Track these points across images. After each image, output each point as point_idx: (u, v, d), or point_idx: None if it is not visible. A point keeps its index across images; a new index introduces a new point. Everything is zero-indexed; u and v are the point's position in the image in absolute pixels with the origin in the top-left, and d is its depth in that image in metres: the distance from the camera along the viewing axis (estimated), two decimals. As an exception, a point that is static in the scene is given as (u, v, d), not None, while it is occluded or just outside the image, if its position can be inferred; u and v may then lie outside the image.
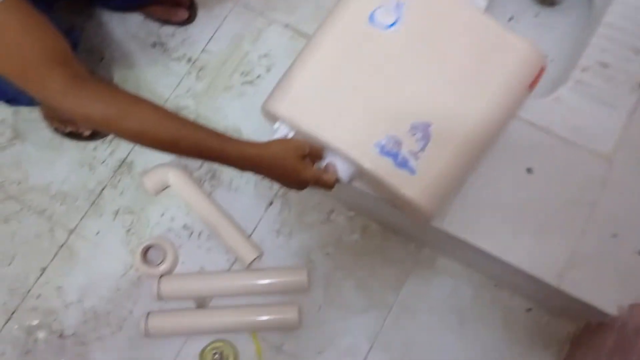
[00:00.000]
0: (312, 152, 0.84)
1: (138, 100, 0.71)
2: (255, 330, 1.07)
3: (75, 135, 1.17)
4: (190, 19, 1.24)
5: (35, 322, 1.08)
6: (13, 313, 1.09)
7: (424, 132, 0.83)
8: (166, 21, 1.23)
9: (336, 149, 0.83)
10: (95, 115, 0.67)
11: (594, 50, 1.00)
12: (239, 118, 1.19)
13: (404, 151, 0.82)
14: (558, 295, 0.92)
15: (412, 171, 0.82)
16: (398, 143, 0.82)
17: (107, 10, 1.22)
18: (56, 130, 1.16)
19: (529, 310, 1.08)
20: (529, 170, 0.95)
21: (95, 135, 1.17)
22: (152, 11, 1.22)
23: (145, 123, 0.70)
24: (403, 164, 0.82)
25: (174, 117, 0.73)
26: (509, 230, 0.93)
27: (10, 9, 0.62)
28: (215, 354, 1.04)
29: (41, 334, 1.07)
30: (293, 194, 1.15)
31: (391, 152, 0.82)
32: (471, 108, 0.86)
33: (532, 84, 0.90)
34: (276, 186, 1.15)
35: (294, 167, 0.81)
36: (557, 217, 0.93)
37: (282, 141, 0.82)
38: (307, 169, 0.82)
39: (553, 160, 0.95)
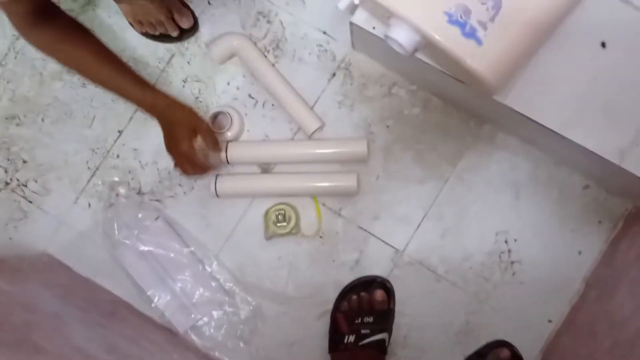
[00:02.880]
0: (204, 133, 1.04)
1: (77, 47, 0.98)
2: (316, 195, 1.14)
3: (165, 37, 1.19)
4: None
5: (116, 179, 1.18)
6: (96, 170, 1.19)
7: (495, 0, 0.81)
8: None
9: (402, 15, 0.82)
10: (43, 52, 0.99)
11: None
12: (303, -14, 1.18)
13: (473, 20, 0.80)
14: (619, 173, 0.92)
15: (479, 42, 0.81)
16: (467, 11, 0.80)
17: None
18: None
19: (587, 187, 1.09)
20: (603, 45, 0.91)
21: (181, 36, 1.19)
22: None
23: (74, 66, 1.01)
24: (470, 34, 0.81)
25: (100, 64, 0.99)
26: (575, 106, 0.91)
27: None
28: (278, 214, 1.12)
29: (122, 190, 1.17)
30: (355, 67, 1.15)
31: (459, 20, 0.80)
32: (547, -23, 0.82)
33: (618, -50, 0.84)
34: (339, 58, 1.16)
35: (180, 134, 1.02)
36: (628, 94, 0.90)
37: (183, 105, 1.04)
38: (185, 143, 1.02)
39: (630, 35, 0.90)
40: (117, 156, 1.19)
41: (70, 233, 1.18)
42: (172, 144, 1.05)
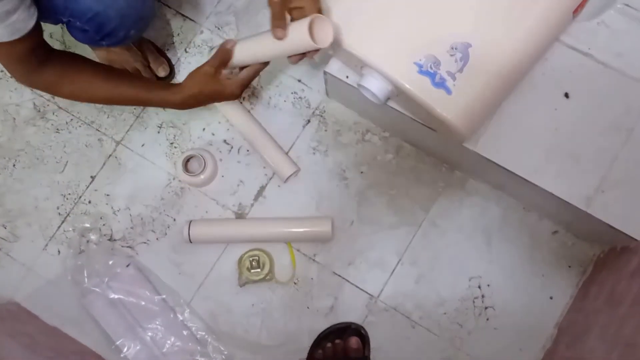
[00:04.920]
0: (220, 64, 0.92)
1: (77, 72, 0.93)
2: (290, 241, 1.13)
3: None
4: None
5: (87, 225, 1.16)
6: (67, 216, 1.17)
7: (463, 52, 0.84)
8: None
9: (375, 66, 0.85)
10: (46, 92, 1.01)
11: (647, -28, 0.96)
12: (279, 36, 1.21)
13: (442, 71, 0.84)
14: (586, 219, 0.95)
15: (448, 91, 0.84)
16: (437, 63, 0.84)
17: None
18: None
19: (556, 232, 1.11)
20: (567, 95, 0.95)
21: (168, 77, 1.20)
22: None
23: (82, 93, 0.95)
24: (440, 84, 0.84)
25: (107, 82, 0.94)
26: (541, 154, 0.94)
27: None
28: (252, 260, 1.11)
29: (93, 236, 1.15)
30: (330, 114, 1.17)
31: (429, 71, 0.83)
32: (512, 32, 0.86)
33: (577, 10, 0.89)
34: (314, 105, 1.18)
35: (215, 90, 0.94)
36: (591, 142, 0.94)
37: (191, 75, 0.94)
38: (227, 85, 0.93)
39: (592, 86, 0.94)
40: (89, 202, 1.17)
41: (39, 281, 1.15)
42: (222, 98, 0.97)
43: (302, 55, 0.87)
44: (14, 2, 0.74)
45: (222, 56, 0.91)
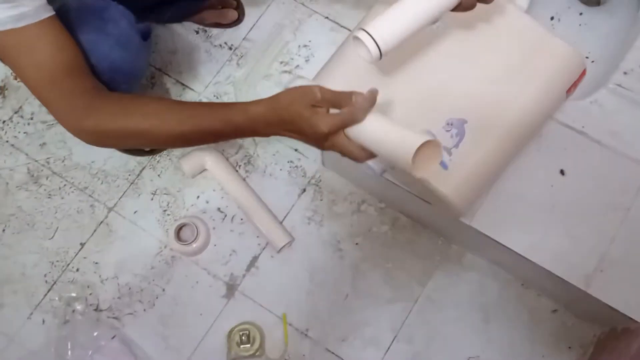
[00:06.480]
0: (326, 98, 0.69)
1: (143, 104, 0.75)
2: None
3: (137, 151, 1.20)
4: (239, 20, 1.27)
5: (73, 294, 1.12)
6: (53, 284, 1.14)
7: (459, 128, 0.84)
8: (217, 24, 1.27)
9: (371, 141, 0.85)
10: (103, 137, 0.75)
11: (638, 53, 0.98)
12: (276, 106, 1.22)
13: (438, 147, 0.83)
14: (585, 298, 0.92)
15: (444, 166, 0.83)
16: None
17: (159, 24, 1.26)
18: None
19: (555, 311, 1.08)
20: (562, 172, 0.95)
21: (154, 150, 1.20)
22: (203, 17, 1.26)
23: (152, 127, 0.73)
24: (436, 160, 0.83)
25: (180, 112, 0.74)
26: (539, 230, 0.93)
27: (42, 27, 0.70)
28: (242, 335, 1.07)
29: (79, 306, 1.12)
30: (325, 183, 1.17)
31: (425, 147, 0.83)
32: (507, 110, 0.86)
33: (570, 90, 0.90)
34: (310, 174, 1.18)
35: (305, 117, 0.69)
36: (589, 220, 0.93)
37: (290, 90, 0.70)
38: (321, 120, 0.68)
39: (587, 164, 0.95)
40: (77, 270, 1.15)
41: (20, 352, 1.10)
42: (308, 132, 0.70)
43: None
44: None
45: (333, 95, 0.69)
